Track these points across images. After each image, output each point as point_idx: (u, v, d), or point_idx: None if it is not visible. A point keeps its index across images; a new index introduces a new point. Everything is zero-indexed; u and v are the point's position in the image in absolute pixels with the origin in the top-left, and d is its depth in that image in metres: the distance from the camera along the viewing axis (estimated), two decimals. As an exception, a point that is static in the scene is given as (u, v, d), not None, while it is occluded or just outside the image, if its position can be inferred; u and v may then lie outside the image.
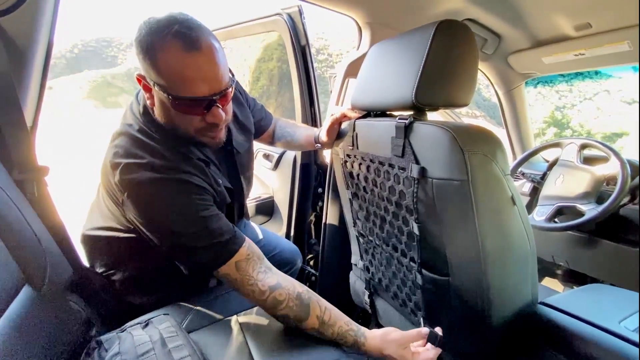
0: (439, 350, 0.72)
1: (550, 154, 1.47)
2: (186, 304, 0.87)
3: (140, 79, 0.67)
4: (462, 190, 0.61)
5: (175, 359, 0.62)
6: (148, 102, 0.71)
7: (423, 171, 0.66)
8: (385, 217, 0.85)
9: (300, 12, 1.18)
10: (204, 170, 0.75)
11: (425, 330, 0.72)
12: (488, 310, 0.69)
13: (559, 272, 1.58)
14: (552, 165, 1.40)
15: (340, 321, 0.73)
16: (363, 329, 0.75)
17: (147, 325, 0.74)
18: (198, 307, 0.86)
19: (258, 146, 1.54)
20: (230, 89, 0.69)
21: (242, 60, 2.26)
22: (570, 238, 1.33)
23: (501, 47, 1.38)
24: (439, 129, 0.64)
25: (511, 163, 1.48)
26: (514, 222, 0.67)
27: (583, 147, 1.28)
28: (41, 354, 0.55)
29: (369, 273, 1.03)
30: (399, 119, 0.72)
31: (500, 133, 1.74)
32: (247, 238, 0.76)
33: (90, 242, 0.87)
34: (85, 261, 0.88)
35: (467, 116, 10.41)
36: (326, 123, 0.97)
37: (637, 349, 0.59)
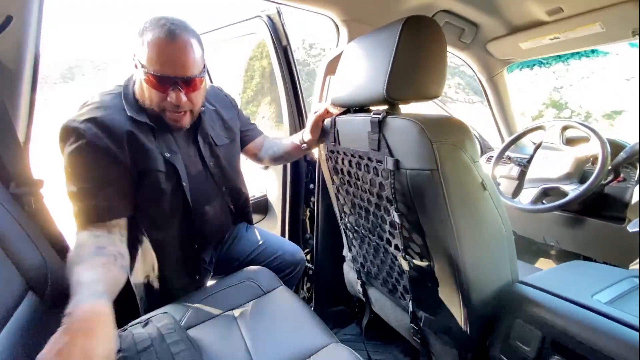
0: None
1: (538, 138, 1.49)
2: (184, 303, 0.90)
3: (133, 56, 0.79)
4: (433, 180, 0.64)
5: (173, 352, 0.67)
6: (133, 75, 0.85)
7: (397, 163, 0.70)
8: (369, 209, 0.88)
9: (279, 14, 1.20)
10: (133, 133, 0.81)
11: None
12: (467, 292, 0.72)
13: (552, 252, 1.60)
14: (537, 149, 1.41)
15: None
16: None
17: (147, 324, 0.78)
18: (196, 305, 0.90)
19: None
20: (198, 80, 0.81)
21: (234, 61, 2.26)
22: (558, 219, 1.35)
23: (479, 35, 1.39)
24: (409, 122, 0.67)
25: (499, 147, 1.51)
26: (486, 207, 0.69)
27: (565, 128, 1.30)
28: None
29: (358, 263, 1.06)
30: (374, 114, 0.75)
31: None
32: (116, 225, 0.78)
33: None
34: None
35: (464, 102, 10.35)
36: (309, 122, 0.99)
37: (609, 321, 0.62)
